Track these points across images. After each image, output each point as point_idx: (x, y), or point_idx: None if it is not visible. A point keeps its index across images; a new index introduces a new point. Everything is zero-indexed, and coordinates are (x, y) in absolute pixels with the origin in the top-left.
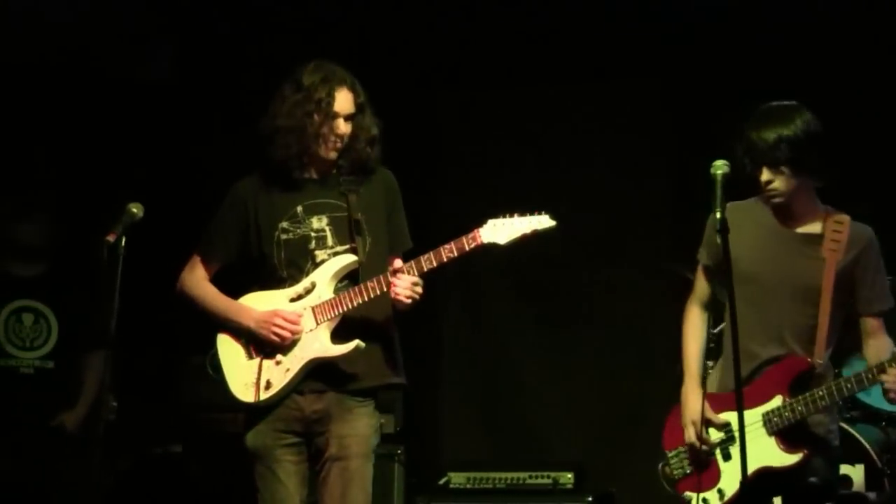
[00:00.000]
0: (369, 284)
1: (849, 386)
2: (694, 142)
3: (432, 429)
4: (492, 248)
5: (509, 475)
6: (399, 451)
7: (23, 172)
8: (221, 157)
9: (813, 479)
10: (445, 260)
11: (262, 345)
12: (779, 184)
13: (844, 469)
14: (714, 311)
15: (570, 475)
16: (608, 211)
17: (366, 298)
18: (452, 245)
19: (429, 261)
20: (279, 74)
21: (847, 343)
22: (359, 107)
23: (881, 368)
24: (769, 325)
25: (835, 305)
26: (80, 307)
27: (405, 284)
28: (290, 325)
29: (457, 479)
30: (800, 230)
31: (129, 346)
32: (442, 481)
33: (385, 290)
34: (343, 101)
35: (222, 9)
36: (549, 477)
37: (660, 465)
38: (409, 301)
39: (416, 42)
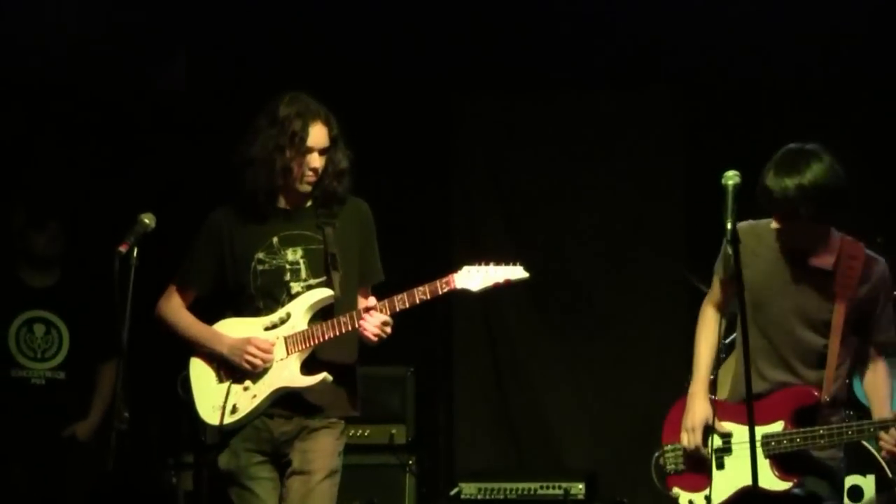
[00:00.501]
0: (342, 320)
1: (849, 433)
2: (706, 150)
3: (444, 439)
4: (464, 293)
5: (520, 485)
6: (411, 462)
7: (35, 182)
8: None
9: (797, 491)
10: (418, 301)
11: (233, 370)
12: (792, 230)
13: (855, 480)
14: (728, 317)
15: (581, 485)
16: (621, 219)
17: (337, 333)
18: (426, 288)
19: (402, 301)
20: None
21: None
22: (332, 140)
23: (883, 426)
24: (778, 352)
25: (845, 338)
26: (92, 318)
27: (375, 322)
28: (262, 353)
29: (468, 489)
30: (813, 262)
31: (142, 355)
32: (453, 492)
33: (355, 327)
34: (317, 135)
35: (236, 18)
36: (560, 487)
37: (654, 455)
38: (377, 339)
39: (430, 48)
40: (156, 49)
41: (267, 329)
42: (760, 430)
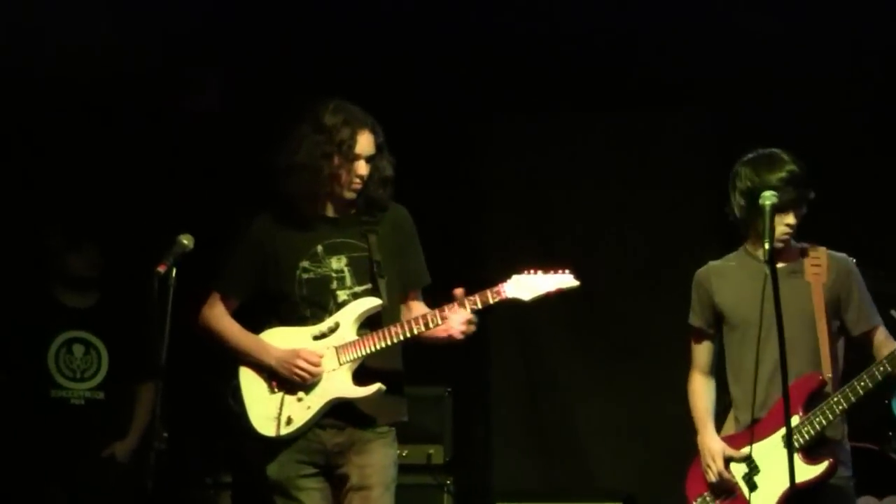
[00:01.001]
0: (393, 329)
1: (862, 384)
2: None
3: (481, 459)
4: (515, 302)
5: None
6: (448, 482)
7: (72, 204)
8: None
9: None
10: (468, 311)
11: (284, 380)
12: (795, 223)
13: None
14: (717, 375)
15: None
16: (654, 238)
17: (390, 343)
18: (476, 297)
19: (452, 309)
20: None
21: None
22: (378, 147)
23: (893, 359)
24: (773, 359)
25: (830, 325)
26: (131, 338)
27: (461, 320)
28: (311, 366)
29: None
30: (782, 263)
31: (180, 375)
32: None
33: (409, 335)
34: (364, 143)
35: (271, 40)
36: None
37: None
38: (462, 337)
39: (464, 69)
40: (191, 71)
41: (316, 338)
42: (779, 434)
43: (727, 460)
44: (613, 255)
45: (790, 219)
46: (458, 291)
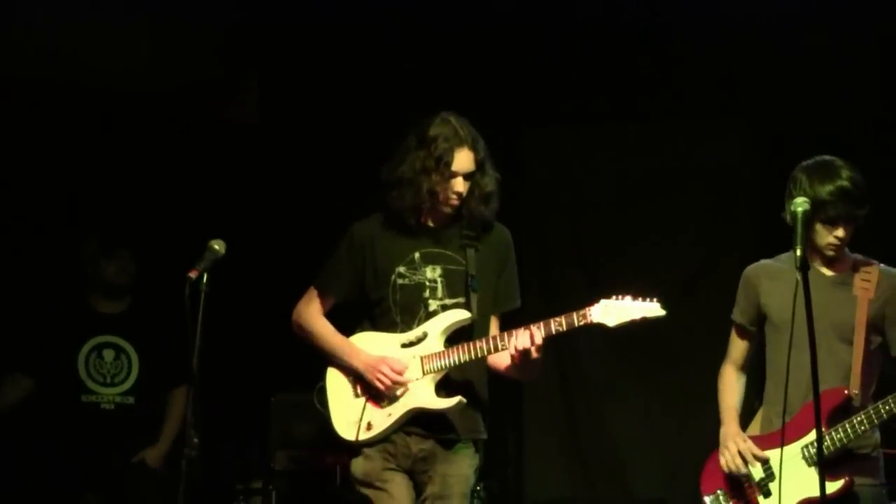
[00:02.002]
0: (478, 344)
1: (887, 408)
2: (779, 182)
3: (513, 468)
4: (599, 327)
5: None
6: (479, 488)
7: (106, 210)
8: (306, 197)
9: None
10: (553, 332)
11: (369, 386)
12: (845, 236)
13: None
14: (750, 370)
15: None
16: (693, 250)
17: (474, 356)
18: (562, 319)
19: (538, 329)
20: (363, 115)
21: None
22: (478, 164)
23: None
24: (806, 371)
25: (869, 341)
26: (162, 343)
27: (521, 345)
28: (395, 374)
29: None
30: (832, 272)
31: (212, 381)
32: None
33: (493, 351)
34: (463, 160)
35: (307, 50)
36: None
37: None
38: (523, 372)
39: (501, 79)
40: (228, 80)
41: (404, 346)
42: (799, 444)
43: (745, 459)
44: (651, 267)
45: (839, 232)
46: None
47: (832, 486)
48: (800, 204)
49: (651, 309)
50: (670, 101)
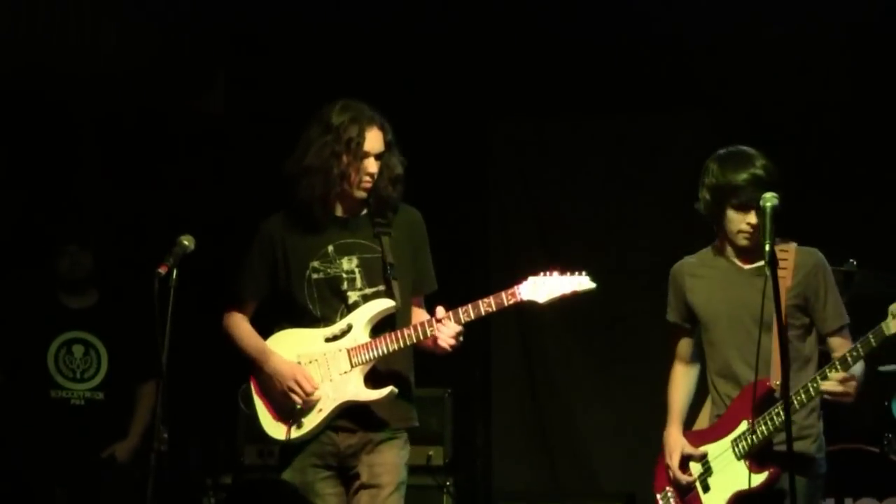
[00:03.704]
0: (406, 331)
1: (799, 398)
2: None
3: (481, 461)
4: (530, 305)
5: None
6: (448, 483)
7: (70, 205)
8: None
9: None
10: (483, 313)
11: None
12: (755, 223)
13: None
14: (701, 361)
15: None
16: (659, 243)
17: (402, 345)
18: (491, 300)
19: (466, 313)
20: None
21: None
22: (387, 145)
23: (823, 375)
24: (745, 360)
25: (791, 329)
26: (131, 338)
27: (450, 332)
28: (302, 392)
29: None
30: (749, 266)
31: (180, 376)
32: None
33: (421, 338)
34: (373, 139)
35: (275, 41)
36: None
37: None
38: (451, 349)
39: (466, 72)
40: (195, 72)
41: (328, 340)
42: (729, 438)
43: (686, 458)
44: (616, 258)
45: (751, 218)
46: (440, 310)
47: (757, 479)
48: (768, 199)
49: (580, 282)
50: (634, 94)
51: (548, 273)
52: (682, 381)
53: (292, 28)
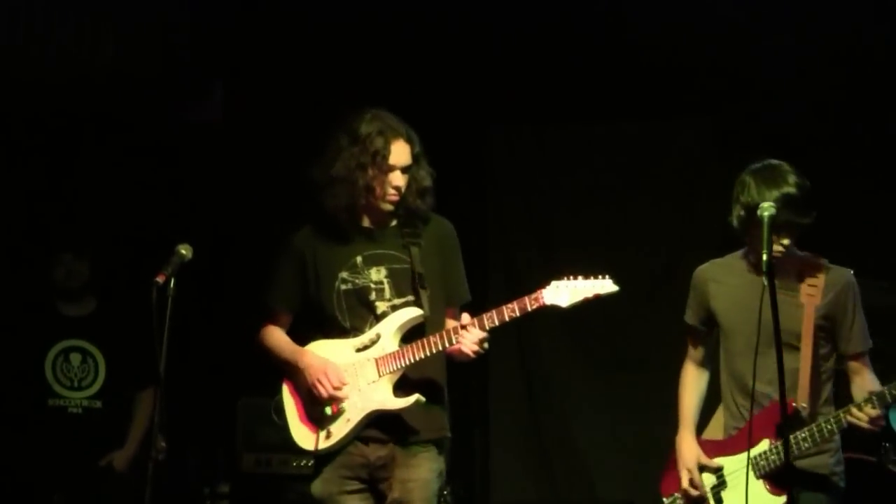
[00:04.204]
0: (432, 339)
1: (829, 427)
2: None
3: (479, 469)
4: (553, 309)
5: None
6: (446, 492)
7: (67, 214)
8: (270, 199)
9: None
10: (507, 319)
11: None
12: (789, 244)
13: None
14: (713, 366)
15: None
16: (658, 251)
17: (429, 353)
18: (515, 305)
19: (491, 319)
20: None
21: None
22: (414, 158)
23: (847, 411)
24: (762, 374)
25: (817, 350)
26: (128, 347)
27: (473, 339)
28: (330, 386)
29: None
30: (778, 279)
31: (179, 385)
32: None
33: (447, 346)
34: (399, 153)
35: (273, 50)
36: None
37: None
38: (475, 356)
39: (467, 78)
40: (193, 82)
41: (358, 350)
42: (746, 455)
43: (700, 467)
44: (615, 268)
45: (785, 240)
46: (465, 317)
47: (776, 501)
48: (766, 209)
49: (604, 285)
50: (635, 101)
51: (571, 277)
52: (694, 384)
53: (291, 35)
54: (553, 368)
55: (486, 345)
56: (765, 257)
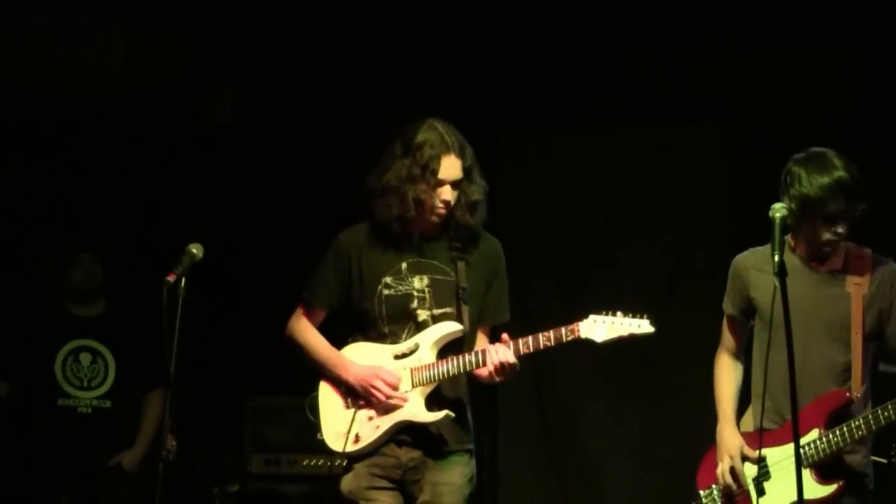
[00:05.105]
0: (467, 357)
1: (885, 415)
2: (752, 185)
3: (488, 475)
4: (587, 343)
5: None
6: None
7: (68, 216)
8: (281, 201)
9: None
10: (542, 347)
11: (359, 398)
12: (844, 233)
13: None
14: (747, 358)
15: None
16: (667, 256)
17: (462, 370)
18: (551, 334)
19: (526, 345)
20: (338, 120)
21: None
22: (465, 172)
23: None
24: (804, 366)
25: (865, 339)
26: (138, 347)
27: (500, 358)
28: (388, 388)
29: None
30: (823, 268)
31: (188, 385)
32: None
33: (479, 364)
34: (449, 167)
35: (282, 53)
36: None
37: None
38: (499, 378)
39: (474, 83)
40: (202, 84)
41: (397, 357)
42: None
43: (741, 459)
44: (625, 272)
45: (839, 228)
46: (504, 338)
47: (824, 490)
48: (778, 210)
49: (640, 325)
50: (642, 106)
51: (609, 313)
52: (731, 375)
53: (300, 39)
54: (562, 372)
55: (517, 369)
56: (776, 258)
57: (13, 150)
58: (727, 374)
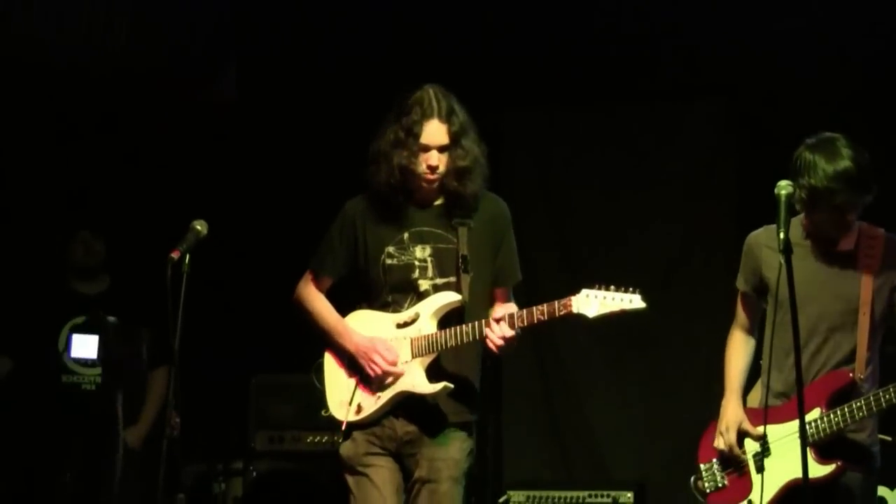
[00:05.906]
0: (465, 329)
1: (887, 397)
2: (756, 163)
3: (492, 448)
4: (579, 317)
5: (569, 494)
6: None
7: (69, 195)
8: (286, 176)
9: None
10: (536, 321)
11: (361, 368)
12: (852, 221)
13: (882, 492)
14: (759, 335)
15: (630, 494)
16: (672, 233)
17: (460, 342)
18: (545, 307)
19: (521, 318)
20: (343, 94)
21: None
22: (452, 137)
23: None
24: (811, 344)
25: (874, 321)
26: (142, 324)
27: (499, 334)
28: (385, 364)
29: (516, 497)
30: (835, 249)
31: (192, 361)
32: (502, 500)
33: (477, 338)
34: (432, 133)
35: (287, 29)
36: (608, 496)
37: (692, 479)
38: (498, 351)
39: (479, 61)
40: (207, 60)
41: (399, 326)
42: (795, 423)
43: (742, 434)
44: (629, 249)
45: (847, 216)
46: (505, 308)
47: (823, 470)
48: (783, 187)
49: (632, 300)
50: (649, 83)
51: (601, 288)
52: (742, 350)
53: (305, 14)
54: (566, 348)
55: (515, 343)
56: (781, 236)
57: (15, 127)
58: (738, 350)
